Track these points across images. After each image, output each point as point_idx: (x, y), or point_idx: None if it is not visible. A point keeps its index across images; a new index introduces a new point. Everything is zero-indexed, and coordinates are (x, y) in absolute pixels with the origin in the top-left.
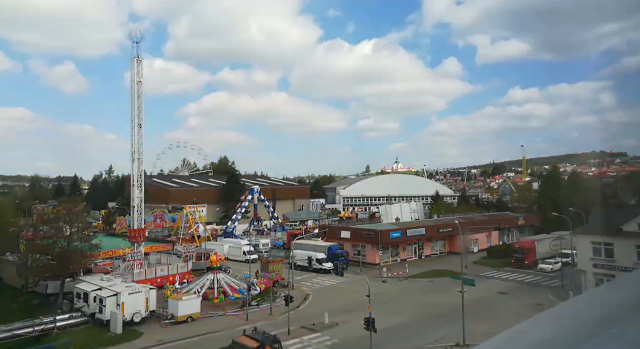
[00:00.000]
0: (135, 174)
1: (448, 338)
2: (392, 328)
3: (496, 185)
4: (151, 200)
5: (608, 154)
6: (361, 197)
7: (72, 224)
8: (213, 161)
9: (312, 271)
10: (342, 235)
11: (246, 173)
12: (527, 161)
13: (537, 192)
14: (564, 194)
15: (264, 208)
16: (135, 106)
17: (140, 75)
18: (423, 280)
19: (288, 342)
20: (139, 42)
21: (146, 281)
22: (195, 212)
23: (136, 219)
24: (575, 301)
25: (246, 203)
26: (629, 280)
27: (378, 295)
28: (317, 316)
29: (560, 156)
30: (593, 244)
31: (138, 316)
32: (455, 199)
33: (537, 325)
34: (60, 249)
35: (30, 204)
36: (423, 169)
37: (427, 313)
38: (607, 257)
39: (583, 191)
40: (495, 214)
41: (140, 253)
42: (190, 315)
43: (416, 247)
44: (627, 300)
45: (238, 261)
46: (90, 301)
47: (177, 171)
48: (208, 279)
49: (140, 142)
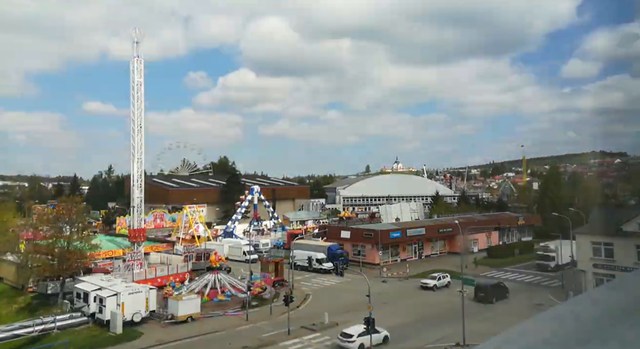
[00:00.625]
0: (135, 174)
1: (448, 338)
2: (392, 328)
3: (496, 185)
4: (151, 200)
5: (608, 154)
6: (361, 198)
7: (72, 224)
8: (213, 161)
9: (312, 271)
10: (342, 235)
11: (246, 173)
12: (527, 161)
13: (537, 192)
14: (564, 194)
15: (264, 208)
16: (136, 106)
17: (140, 75)
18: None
19: (288, 342)
20: (139, 42)
21: (146, 281)
22: (195, 212)
23: (136, 219)
24: (575, 301)
25: (246, 203)
26: (629, 280)
27: (378, 295)
28: (317, 316)
29: (560, 156)
30: (593, 244)
31: (138, 316)
32: (455, 199)
33: (537, 325)
34: (60, 249)
35: (30, 204)
36: (423, 169)
37: (427, 313)
38: (607, 257)
39: (583, 191)
40: (495, 214)
41: (140, 253)
42: (190, 315)
43: (416, 248)
44: (627, 300)
45: (238, 261)
46: (90, 301)
47: (177, 171)
48: (208, 279)
49: (141, 142)
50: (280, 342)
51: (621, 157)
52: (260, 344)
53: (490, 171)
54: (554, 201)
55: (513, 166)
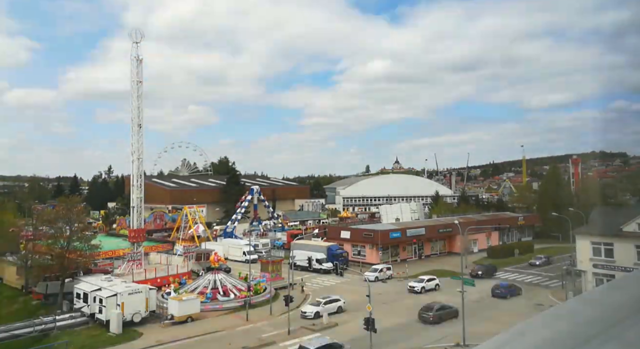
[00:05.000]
0: (135, 174)
1: (448, 338)
2: (392, 328)
3: (496, 185)
4: (151, 200)
5: (608, 154)
6: (361, 198)
7: (72, 225)
8: (213, 161)
9: (312, 271)
10: (342, 235)
11: (246, 173)
12: (527, 161)
13: (537, 192)
14: (564, 194)
15: (264, 208)
16: (135, 106)
17: (140, 75)
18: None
19: (288, 342)
20: (138, 42)
21: (146, 281)
22: (195, 212)
23: (136, 219)
24: (575, 301)
25: (246, 203)
26: (629, 280)
27: (378, 295)
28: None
29: (560, 156)
30: (593, 244)
31: (138, 316)
32: (455, 199)
33: (537, 325)
34: (60, 249)
35: (30, 204)
36: (423, 169)
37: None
38: (607, 257)
39: (583, 191)
40: (495, 214)
41: (140, 253)
42: (190, 315)
43: (416, 248)
44: (627, 300)
45: (238, 261)
46: (90, 301)
47: (177, 171)
48: (209, 279)
49: (140, 142)
50: (280, 342)
51: (621, 157)
52: (260, 344)
53: (490, 171)
54: (554, 201)
55: (513, 166)
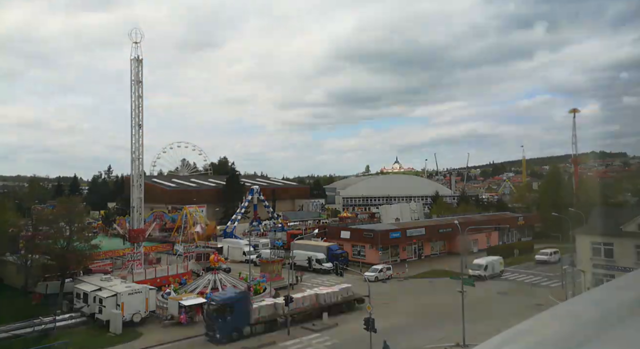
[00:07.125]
0: (135, 174)
1: (448, 338)
2: (392, 328)
3: (496, 185)
4: (151, 200)
5: (608, 154)
6: (361, 198)
7: (72, 225)
8: (213, 162)
9: (312, 271)
10: (342, 235)
11: (246, 173)
12: (527, 161)
13: (537, 192)
14: (564, 194)
15: (263, 208)
16: (135, 106)
17: (140, 75)
18: (423, 280)
19: (288, 342)
20: (138, 42)
21: (146, 281)
22: (195, 212)
23: (136, 219)
24: (575, 301)
25: (246, 203)
26: (629, 280)
27: (378, 295)
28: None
29: (560, 156)
30: (593, 244)
31: (138, 317)
32: (455, 199)
33: (537, 325)
34: (60, 250)
35: (30, 205)
36: (423, 169)
37: (427, 313)
38: (607, 257)
39: (583, 191)
40: (495, 214)
41: (140, 253)
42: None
43: (416, 248)
44: (627, 300)
45: (238, 261)
46: (90, 302)
47: (176, 171)
48: (209, 279)
49: (140, 143)
50: (280, 342)
51: (621, 157)
52: (260, 344)
53: (490, 171)
54: (554, 201)
55: (513, 166)
